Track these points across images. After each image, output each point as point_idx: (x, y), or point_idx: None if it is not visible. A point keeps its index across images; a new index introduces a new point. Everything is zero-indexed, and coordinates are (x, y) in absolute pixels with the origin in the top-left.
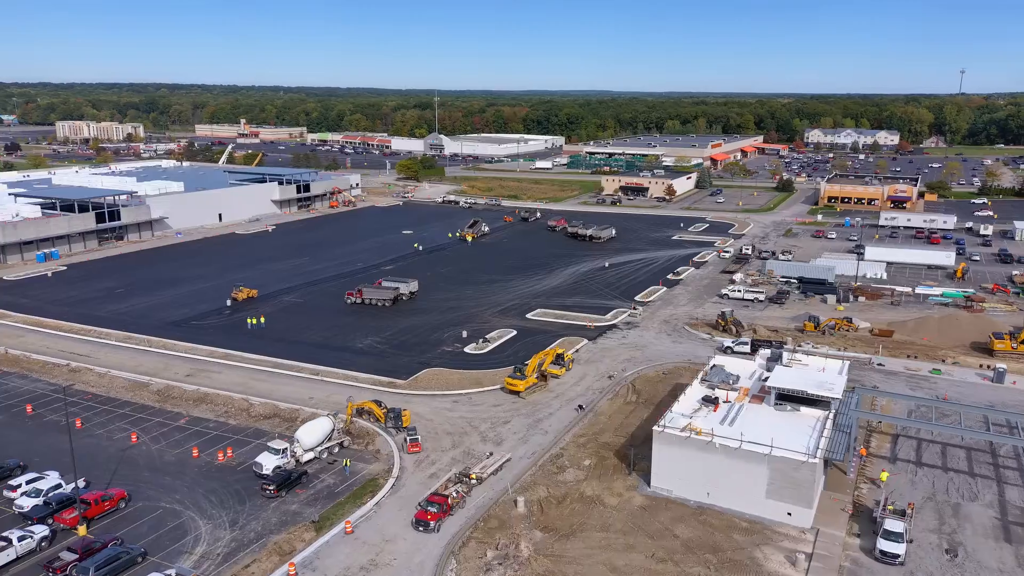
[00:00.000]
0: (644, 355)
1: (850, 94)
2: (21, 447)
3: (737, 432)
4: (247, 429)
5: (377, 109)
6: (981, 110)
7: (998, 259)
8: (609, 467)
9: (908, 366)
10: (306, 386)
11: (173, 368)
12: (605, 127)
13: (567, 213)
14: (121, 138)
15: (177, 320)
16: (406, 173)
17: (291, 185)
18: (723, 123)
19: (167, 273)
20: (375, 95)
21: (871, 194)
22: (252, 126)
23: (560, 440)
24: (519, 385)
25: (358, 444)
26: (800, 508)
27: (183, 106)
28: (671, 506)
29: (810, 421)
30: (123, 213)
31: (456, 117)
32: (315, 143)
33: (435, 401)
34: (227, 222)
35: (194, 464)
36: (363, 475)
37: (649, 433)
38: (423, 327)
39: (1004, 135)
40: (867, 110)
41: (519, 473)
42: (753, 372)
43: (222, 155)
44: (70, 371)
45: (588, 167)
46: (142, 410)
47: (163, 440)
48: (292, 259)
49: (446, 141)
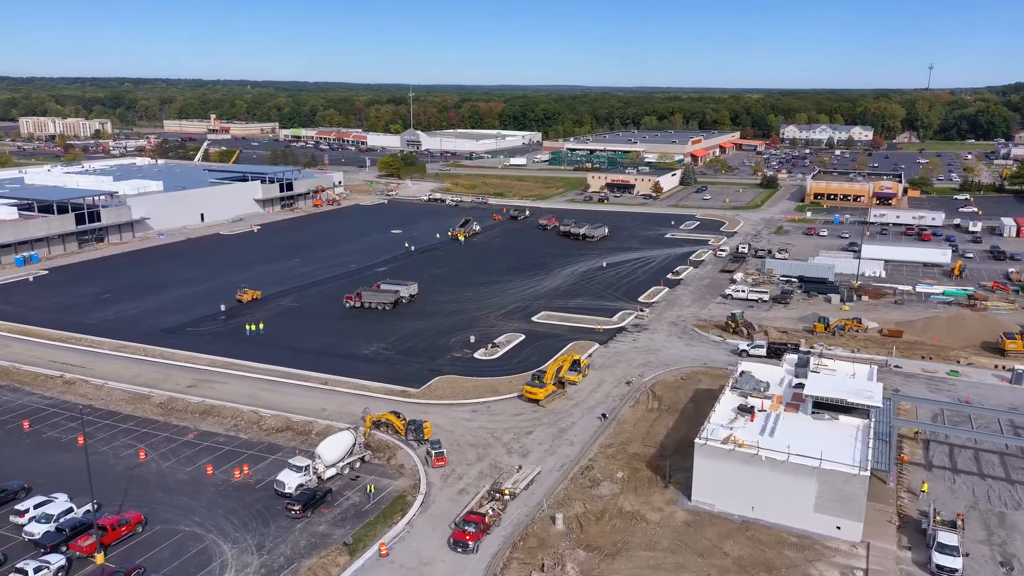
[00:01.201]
0: (659, 359)
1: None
2: (21, 467)
3: (779, 443)
4: (260, 443)
5: (350, 104)
6: (951, 106)
7: (991, 256)
8: (643, 479)
9: (925, 368)
10: (316, 396)
11: (174, 378)
12: (582, 123)
13: (555, 211)
14: (89, 135)
15: (171, 327)
16: (387, 170)
17: (274, 184)
18: (699, 119)
19: (154, 276)
20: (346, 90)
21: (857, 191)
22: (222, 122)
23: (587, 451)
24: (539, 393)
25: (379, 458)
26: (850, 521)
27: (150, 101)
28: (715, 521)
29: (850, 430)
30: (103, 214)
31: (431, 113)
32: (288, 139)
33: (453, 411)
34: (210, 222)
35: (209, 482)
36: (389, 491)
37: (680, 443)
38: (428, 332)
39: (974, 130)
40: (840, 106)
41: (551, 487)
42: (782, 379)
43: (197, 152)
44: (64, 383)
45: (570, 164)
46: (146, 424)
47: (172, 457)
48: (282, 260)
49: (423, 137)
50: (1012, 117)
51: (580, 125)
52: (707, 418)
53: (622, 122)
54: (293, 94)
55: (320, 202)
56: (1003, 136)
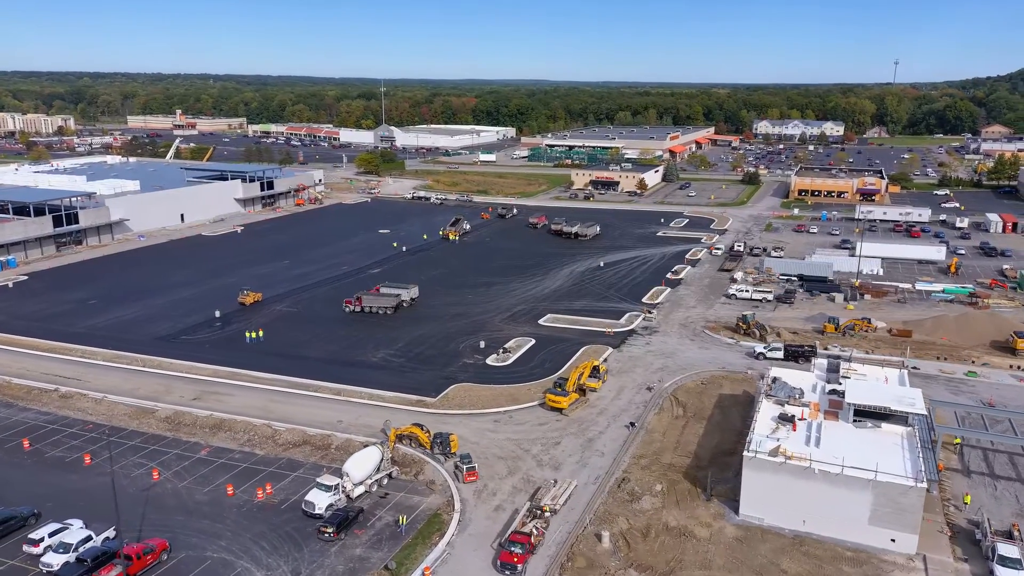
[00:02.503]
0: (675, 363)
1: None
2: (27, 490)
3: (826, 454)
4: (278, 460)
5: (319, 99)
6: (919, 101)
7: (982, 252)
8: (683, 492)
9: (942, 369)
10: (330, 408)
11: (177, 390)
12: (556, 118)
13: (541, 209)
14: (51, 131)
15: (166, 335)
16: (366, 168)
17: (254, 183)
18: (672, 114)
19: (139, 281)
20: (310, 83)
21: (841, 187)
22: (188, 117)
23: (620, 462)
24: (562, 402)
25: (405, 473)
26: (905, 534)
27: (112, 96)
28: (767, 536)
29: (894, 438)
30: (81, 216)
31: (403, 108)
32: (257, 135)
33: (474, 421)
34: (190, 223)
35: (231, 504)
36: (423, 510)
37: (714, 452)
38: (434, 337)
39: (942, 125)
40: (811, 101)
41: (588, 501)
42: (815, 384)
43: (169, 150)
44: (60, 397)
45: (549, 160)
46: (154, 440)
47: (187, 476)
48: (271, 263)
49: (397, 133)
50: (978, 112)
51: (554, 120)
52: (751, 429)
53: (596, 118)
54: (259, 88)
55: (302, 201)
56: (970, 131)
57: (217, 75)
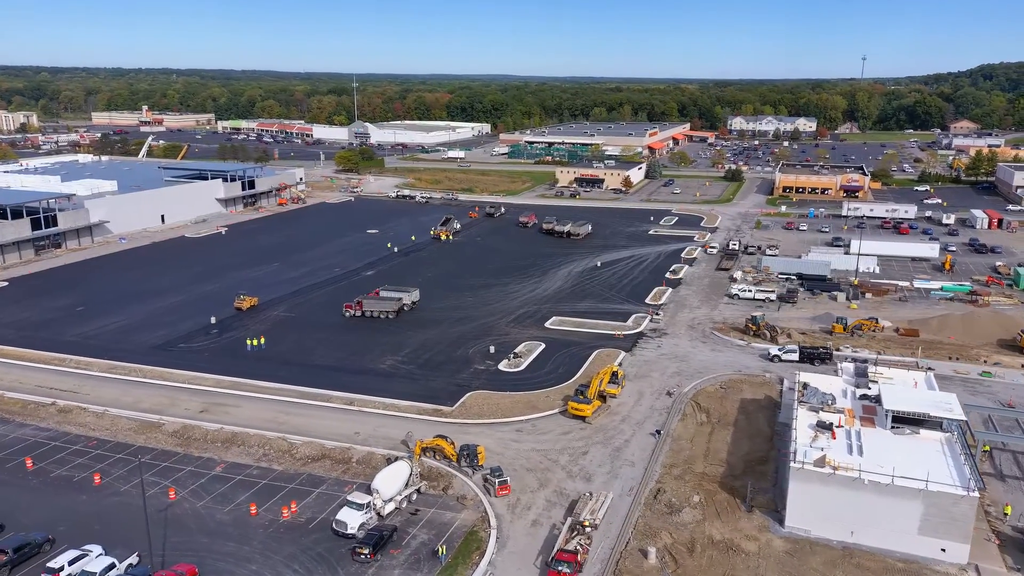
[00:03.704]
0: (690, 367)
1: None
2: (36, 514)
3: (870, 463)
4: (298, 475)
5: (289, 95)
6: (888, 96)
7: (971, 249)
8: (722, 503)
9: (957, 369)
10: (344, 419)
11: (181, 403)
12: (531, 114)
13: (528, 207)
14: (13, 128)
15: (161, 343)
16: (345, 165)
17: (236, 182)
18: (647, 110)
19: (126, 286)
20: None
21: (824, 184)
22: (155, 113)
23: (651, 472)
24: (586, 410)
25: (433, 488)
26: (956, 544)
27: (74, 92)
28: (816, 549)
29: (934, 445)
30: (60, 218)
31: (376, 104)
32: (227, 131)
33: (496, 431)
34: (171, 223)
35: (255, 524)
36: (457, 527)
37: (747, 461)
38: (441, 342)
39: (912, 120)
40: (784, 97)
41: (626, 515)
42: (844, 389)
43: (141, 147)
44: (59, 411)
45: (530, 157)
46: (164, 457)
47: (205, 494)
48: (260, 265)
49: (372, 129)
50: (946, 107)
51: (529, 116)
52: (792, 439)
53: (571, 114)
54: (225, 83)
55: (284, 200)
56: (938, 126)
57: (179, 70)
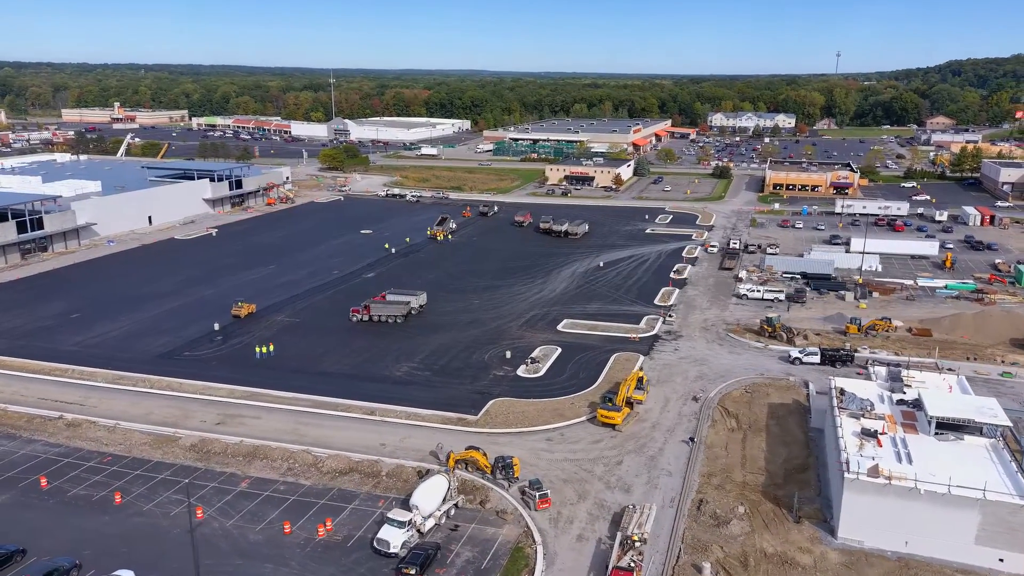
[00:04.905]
0: (711, 370)
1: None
2: (58, 537)
3: (922, 471)
4: (328, 491)
5: (264, 90)
6: (865, 92)
7: (968, 246)
8: (768, 514)
9: (977, 370)
10: (366, 429)
11: (195, 415)
12: (510, 111)
13: (520, 205)
14: None
15: (166, 351)
16: (330, 163)
17: (223, 182)
18: (628, 107)
19: (120, 290)
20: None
21: (815, 181)
22: (127, 110)
23: (690, 482)
24: (616, 417)
25: (470, 502)
26: (1015, 554)
27: (42, 88)
28: (872, 560)
29: (980, 451)
30: (46, 220)
31: (353, 100)
32: (203, 128)
33: (525, 440)
34: (159, 225)
35: (290, 543)
36: (501, 543)
37: (787, 469)
38: (455, 347)
39: (888, 116)
40: (763, 94)
41: (671, 527)
42: (880, 394)
43: (120, 146)
44: (67, 425)
45: (515, 154)
46: (185, 472)
47: (233, 512)
48: (256, 268)
49: (352, 126)
50: (922, 103)
51: (509, 113)
52: (840, 448)
53: (551, 110)
54: (196, 79)
55: (273, 200)
56: (915, 122)
57: (147, 65)
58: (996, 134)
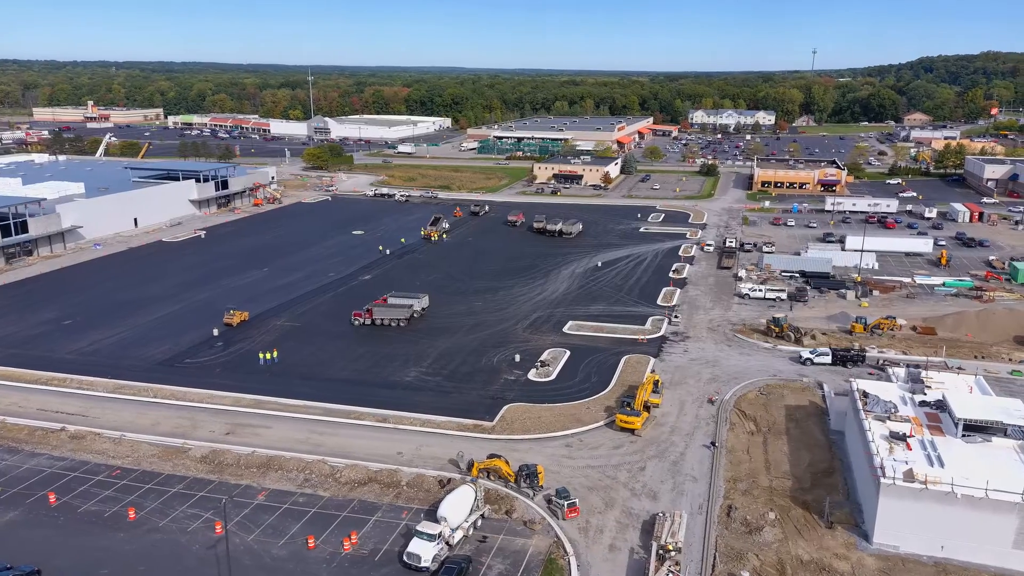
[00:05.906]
0: (724, 372)
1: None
2: (72, 556)
3: (956, 475)
4: (348, 502)
5: (240, 88)
6: (843, 89)
7: (960, 243)
8: (799, 520)
9: (987, 369)
10: (381, 437)
11: (204, 425)
12: (491, 108)
13: (510, 204)
14: None
15: (165, 358)
16: (314, 162)
17: (209, 183)
18: (609, 104)
19: (113, 295)
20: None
21: (802, 178)
22: (100, 108)
23: (716, 487)
24: (635, 422)
25: (496, 511)
26: None
27: (10, 86)
28: (909, 566)
29: (1008, 453)
30: (31, 224)
31: (332, 98)
32: (179, 127)
33: (545, 447)
34: (144, 227)
35: (316, 557)
36: (531, 554)
37: (813, 473)
38: (462, 351)
39: (866, 113)
40: (742, 91)
41: (703, 535)
42: (902, 396)
43: (98, 145)
44: (71, 438)
45: (500, 152)
46: (199, 486)
47: (253, 526)
48: (249, 271)
49: (332, 124)
50: (899, 100)
51: (490, 110)
52: (872, 452)
53: (532, 107)
54: (174, 76)
55: (260, 201)
56: (892, 118)
57: (117, 62)
58: (973, 130)
